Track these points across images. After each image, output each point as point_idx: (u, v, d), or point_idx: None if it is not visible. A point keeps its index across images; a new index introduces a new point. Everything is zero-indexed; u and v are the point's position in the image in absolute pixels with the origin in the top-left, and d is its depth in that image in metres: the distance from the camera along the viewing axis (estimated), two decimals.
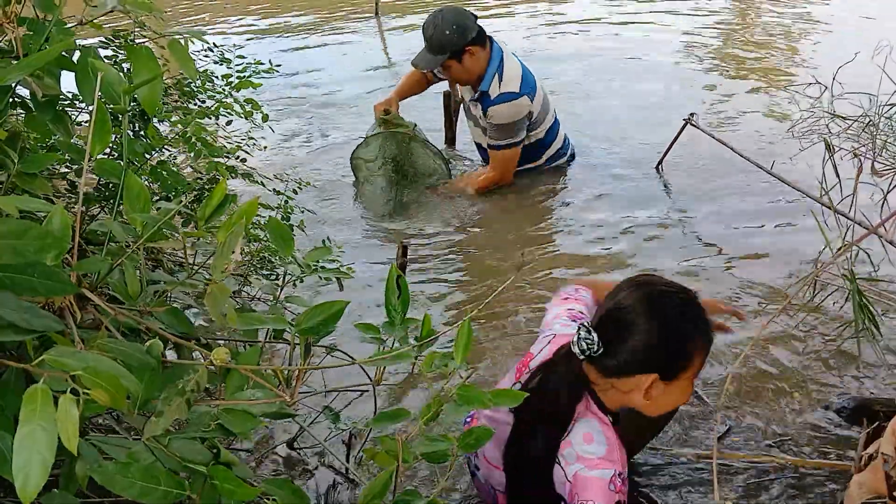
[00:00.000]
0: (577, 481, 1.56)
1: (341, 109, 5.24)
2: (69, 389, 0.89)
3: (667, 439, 2.30)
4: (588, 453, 1.58)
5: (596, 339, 1.58)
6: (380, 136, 3.93)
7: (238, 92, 1.95)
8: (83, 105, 1.92)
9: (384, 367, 1.80)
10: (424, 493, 1.46)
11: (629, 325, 1.58)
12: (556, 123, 4.12)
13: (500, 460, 1.78)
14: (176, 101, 2.18)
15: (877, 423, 1.55)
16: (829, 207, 2.80)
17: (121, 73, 1.53)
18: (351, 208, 3.92)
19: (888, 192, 3.15)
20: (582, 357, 1.61)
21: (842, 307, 2.83)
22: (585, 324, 1.62)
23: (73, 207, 1.60)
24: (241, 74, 1.97)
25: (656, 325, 1.57)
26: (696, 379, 1.66)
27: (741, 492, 2.12)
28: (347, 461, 2.16)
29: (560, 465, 1.61)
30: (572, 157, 4.28)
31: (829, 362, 2.62)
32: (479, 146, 4.21)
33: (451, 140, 4.58)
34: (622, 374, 1.61)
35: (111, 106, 1.44)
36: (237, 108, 1.96)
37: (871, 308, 2.42)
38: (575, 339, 1.62)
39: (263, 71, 2.01)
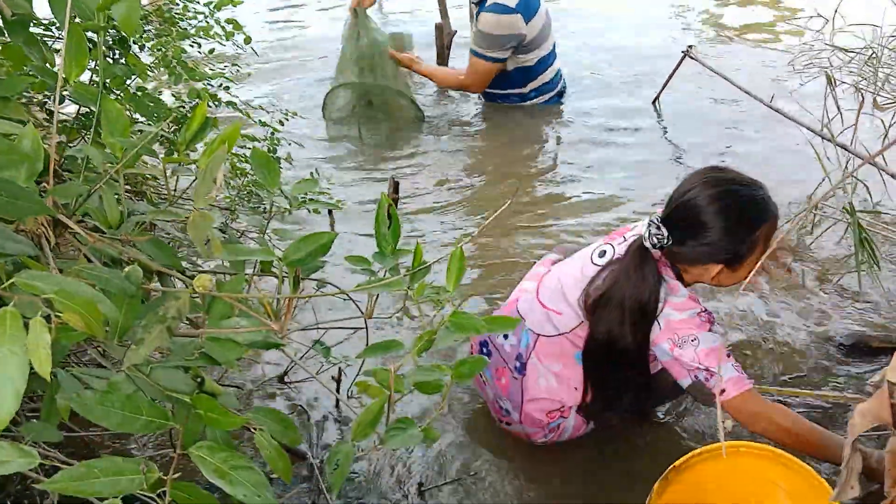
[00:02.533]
0: (668, 325, 1.73)
1: (327, 37, 5.11)
2: (42, 315, 0.85)
3: None
4: (673, 300, 1.74)
5: (665, 233, 1.71)
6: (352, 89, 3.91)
7: (219, 11, 1.86)
8: (62, 33, 1.84)
9: (375, 299, 1.76)
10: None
11: (698, 222, 1.70)
12: (550, 56, 4.01)
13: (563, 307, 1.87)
14: (160, 27, 2.10)
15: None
16: (830, 140, 2.74)
17: None
18: (340, 141, 3.85)
19: (890, 126, 3.10)
20: (654, 249, 1.74)
21: (839, 241, 2.80)
22: (654, 219, 1.73)
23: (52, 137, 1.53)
24: None
25: (722, 224, 1.68)
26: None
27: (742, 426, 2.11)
28: (339, 394, 2.14)
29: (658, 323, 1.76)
30: (560, 94, 4.17)
31: (830, 296, 2.59)
32: None
33: None
34: (694, 264, 1.76)
35: (86, 24, 1.37)
36: (218, 30, 1.88)
37: (871, 241, 2.38)
38: (646, 234, 1.73)
39: None
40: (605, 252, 1.86)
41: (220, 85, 2.06)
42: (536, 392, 1.93)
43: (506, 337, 1.98)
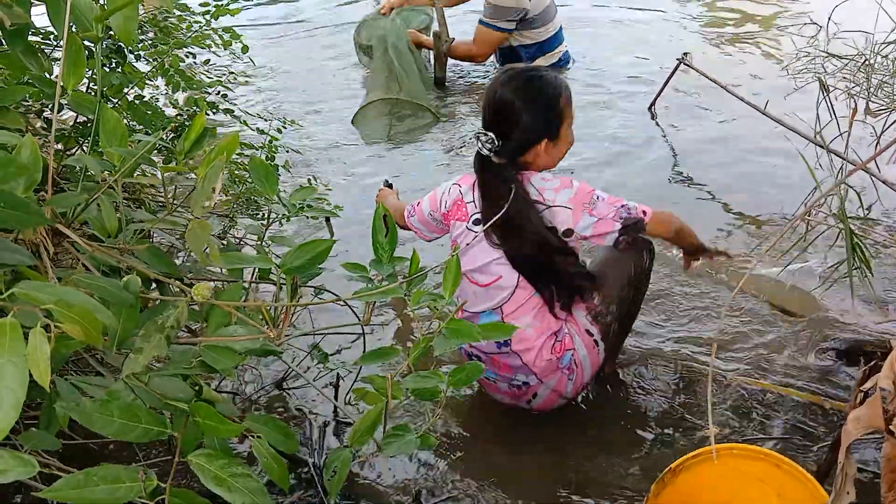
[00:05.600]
0: (574, 202, 1.93)
1: (326, 38, 5.13)
2: (41, 325, 0.86)
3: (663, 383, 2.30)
4: (551, 185, 1.95)
5: (492, 136, 1.91)
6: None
7: (216, 20, 1.87)
8: (60, 43, 1.85)
9: (372, 307, 1.77)
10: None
11: (513, 113, 1.91)
12: (557, 37, 4.49)
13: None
14: (154, 37, 2.11)
15: (874, 361, 1.54)
16: (822, 146, 2.76)
17: (94, 3, 1.46)
18: (337, 146, 3.86)
19: (882, 132, 3.11)
20: (489, 154, 1.92)
21: (831, 247, 2.81)
22: (479, 130, 1.93)
23: (50, 146, 1.54)
24: (219, 2, 1.89)
25: (532, 104, 1.91)
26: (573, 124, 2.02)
27: (736, 429, 2.12)
28: (336, 401, 2.14)
29: (555, 206, 1.93)
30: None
31: (821, 302, 2.61)
32: None
33: (440, 80, 4.51)
34: (523, 152, 1.95)
35: (84, 34, 1.38)
36: (216, 38, 1.89)
37: (863, 247, 2.39)
38: (478, 145, 1.93)
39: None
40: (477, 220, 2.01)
41: (218, 93, 2.07)
42: (528, 343, 2.01)
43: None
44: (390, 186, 2.60)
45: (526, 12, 4.27)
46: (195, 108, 1.89)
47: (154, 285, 1.41)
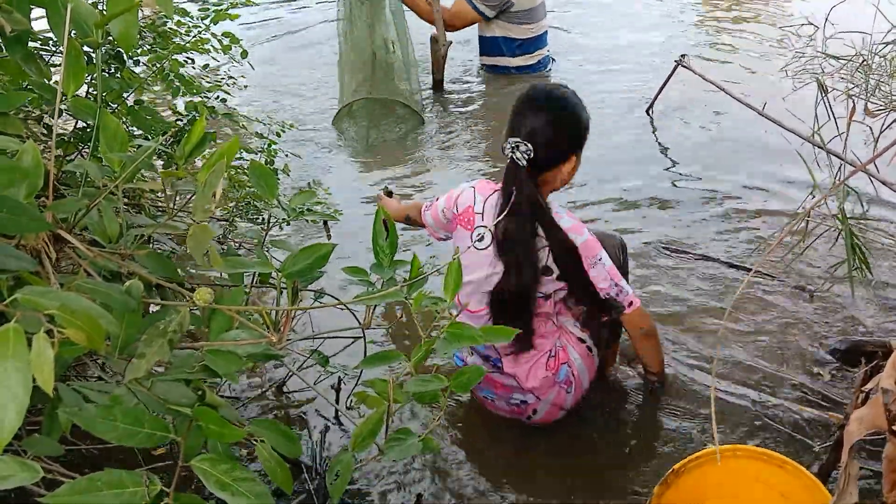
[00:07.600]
0: (585, 247, 1.90)
1: (322, 50, 5.13)
2: (44, 330, 0.85)
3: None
4: (564, 224, 1.91)
5: (530, 146, 1.84)
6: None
7: (216, 25, 1.87)
8: (59, 48, 1.85)
9: (373, 310, 1.77)
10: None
11: (550, 133, 1.85)
12: (538, 42, 4.55)
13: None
14: (154, 41, 2.11)
15: (875, 361, 1.54)
16: (821, 147, 2.76)
17: (94, 8, 1.46)
18: (337, 150, 3.85)
19: (881, 133, 3.12)
20: (524, 164, 1.85)
21: (831, 248, 2.81)
22: (513, 139, 1.86)
23: (51, 152, 1.54)
24: (218, 7, 1.89)
25: (569, 119, 1.90)
26: None
27: (738, 431, 2.12)
28: (337, 405, 2.14)
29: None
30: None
31: (822, 303, 2.61)
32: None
33: (438, 84, 4.52)
34: (559, 164, 1.90)
35: (84, 40, 1.37)
36: (215, 43, 1.89)
37: (862, 248, 2.40)
38: (516, 155, 1.85)
39: (241, 3, 1.93)
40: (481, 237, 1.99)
41: (218, 97, 2.07)
42: (523, 363, 2.01)
43: (472, 353, 2.09)
44: (390, 194, 2.59)
45: (510, 4, 4.38)
46: (195, 112, 1.89)
47: (155, 290, 1.41)
